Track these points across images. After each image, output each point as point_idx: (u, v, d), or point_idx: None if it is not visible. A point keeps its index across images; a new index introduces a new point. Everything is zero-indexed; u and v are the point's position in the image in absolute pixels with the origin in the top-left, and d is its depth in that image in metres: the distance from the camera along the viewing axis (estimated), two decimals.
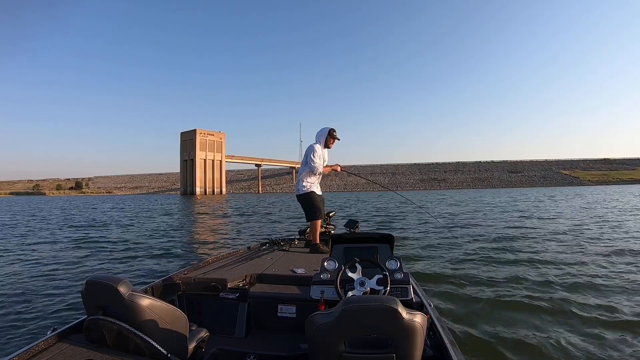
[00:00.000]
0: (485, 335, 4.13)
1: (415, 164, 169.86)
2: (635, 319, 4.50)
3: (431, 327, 2.41)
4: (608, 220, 15.34)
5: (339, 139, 5.46)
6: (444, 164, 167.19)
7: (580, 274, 6.59)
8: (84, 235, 14.36)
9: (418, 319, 1.65)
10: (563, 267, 7.17)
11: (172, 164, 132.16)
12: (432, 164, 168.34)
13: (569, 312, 4.74)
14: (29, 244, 11.86)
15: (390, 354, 1.68)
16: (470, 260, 7.93)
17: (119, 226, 17.81)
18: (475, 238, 11.19)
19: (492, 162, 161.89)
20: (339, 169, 5.66)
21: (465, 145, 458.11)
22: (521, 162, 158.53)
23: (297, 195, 5.51)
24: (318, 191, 5.50)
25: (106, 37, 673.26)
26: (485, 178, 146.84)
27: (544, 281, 6.19)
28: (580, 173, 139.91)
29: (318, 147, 5.26)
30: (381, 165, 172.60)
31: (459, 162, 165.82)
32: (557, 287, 5.85)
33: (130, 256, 9.42)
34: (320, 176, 5.53)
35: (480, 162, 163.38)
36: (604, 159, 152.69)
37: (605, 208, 22.30)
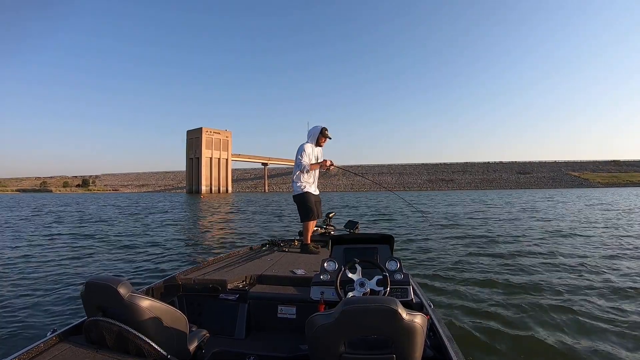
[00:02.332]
0: (486, 336, 4.13)
1: (423, 164, 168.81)
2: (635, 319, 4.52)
3: (431, 327, 2.41)
4: (612, 222, 15.21)
5: (330, 137, 5.47)
6: (452, 164, 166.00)
7: (582, 275, 6.61)
8: (83, 234, 14.32)
9: (418, 319, 1.65)
10: (564, 267, 7.20)
11: (180, 162, 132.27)
12: (440, 164, 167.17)
13: (570, 313, 4.73)
14: (28, 243, 11.74)
15: (390, 354, 1.69)
16: (470, 261, 7.92)
17: (119, 225, 17.65)
18: (475, 239, 11.16)
19: (501, 162, 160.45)
20: (328, 163, 5.43)
21: (474, 146, 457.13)
22: (530, 163, 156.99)
23: (292, 196, 5.48)
24: (314, 191, 5.45)
25: (112, 36, 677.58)
26: (493, 179, 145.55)
27: (544, 282, 6.21)
28: (589, 175, 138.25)
29: (307, 146, 5.29)
30: (389, 165, 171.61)
31: (467, 163, 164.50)
32: (558, 287, 5.84)
33: (129, 256, 9.33)
34: (316, 175, 5.52)
35: (488, 162, 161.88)
36: (614, 161, 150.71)
37: (611, 210, 22.04)
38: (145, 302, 2.00)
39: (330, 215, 6.45)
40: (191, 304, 3.36)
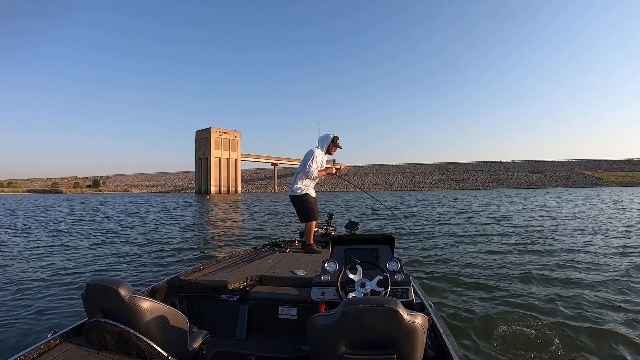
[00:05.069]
0: (486, 336, 4.13)
1: (434, 163, 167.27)
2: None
3: (432, 328, 2.43)
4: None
5: (341, 147, 5.47)
6: (463, 163, 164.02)
7: (584, 276, 6.55)
8: (84, 233, 14.53)
9: (419, 320, 1.66)
10: (565, 268, 7.19)
11: (190, 163, 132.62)
12: (452, 163, 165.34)
13: (570, 313, 4.75)
14: (29, 244, 11.83)
15: (392, 355, 1.69)
16: (471, 262, 7.92)
17: (120, 226, 17.74)
18: (477, 239, 11.21)
19: (513, 162, 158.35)
20: (333, 170, 5.59)
21: (485, 144, 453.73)
22: (542, 162, 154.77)
23: (290, 197, 5.47)
24: (312, 194, 5.47)
25: (119, 32, 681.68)
26: (505, 178, 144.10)
27: (544, 282, 6.22)
28: (603, 174, 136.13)
29: (319, 153, 5.27)
30: (400, 165, 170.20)
31: (478, 162, 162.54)
32: (558, 288, 5.85)
33: (130, 257, 9.42)
34: (316, 180, 5.49)
35: (500, 162, 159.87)
36: (627, 160, 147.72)
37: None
38: (146, 303, 2.02)
39: (331, 215, 6.51)
40: (192, 305, 3.36)
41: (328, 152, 5.39)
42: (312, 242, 5.17)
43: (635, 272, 6.74)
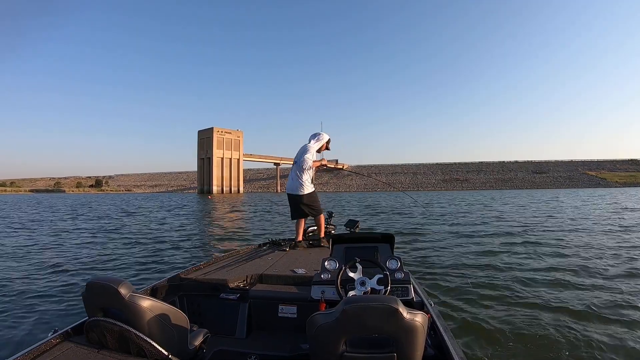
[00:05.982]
0: (487, 335, 4.11)
1: (437, 163, 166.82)
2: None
3: (432, 326, 2.43)
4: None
5: (329, 149, 5.77)
6: (466, 163, 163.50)
7: (585, 274, 6.57)
8: (83, 233, 14.47)
9: (419, 318, 1.66)
10: (566, 267, 7.12)
11: (193, 163, 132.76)
12: (455, 163, 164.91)
13: (571, 312, 4.71)
14: (29, 243, 11.80)
15: (391, 353, 1.70)
16: (471, 260, 7.93)
17: (121, 225, 17.66)
18: (477, 238, 11.24)
19: (516, 162, 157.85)
20: (325, 161, 5.83)
21: (486, 145, 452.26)
22: (546, 162, 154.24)
23: (299, 195, 5.47)
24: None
25: (120, 31, 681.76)
26: (508, 179, 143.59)
27: (545, 281, 6.22)
28: (606, 174, 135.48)
29: (313, 148, 5.49)
30: (402, 165, 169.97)
31: (481, 162, 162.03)
32: (559, 287, 5.83)
33: (130, 256, 9.37)
34: (312, 171, 5.60)
35: (503, 162, 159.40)
36: (631, 160, 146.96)
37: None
38: (146, 302, 2.02)
39: (331, 214, 6.55)
40: (192, 304, 3.38)
41: (319, 150, 5.65)
42: (323, 235, 5.43)
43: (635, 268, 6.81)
